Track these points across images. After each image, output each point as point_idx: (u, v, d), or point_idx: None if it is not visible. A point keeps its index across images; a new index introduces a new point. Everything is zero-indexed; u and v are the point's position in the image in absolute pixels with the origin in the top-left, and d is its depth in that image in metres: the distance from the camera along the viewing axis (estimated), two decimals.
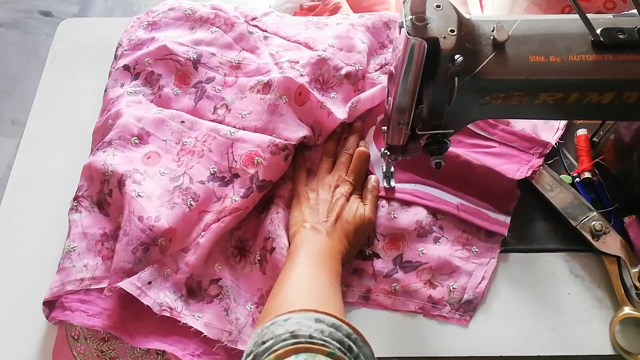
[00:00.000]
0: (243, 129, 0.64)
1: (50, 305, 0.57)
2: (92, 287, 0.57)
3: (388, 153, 0.60)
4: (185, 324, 0.55)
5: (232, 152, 0.62)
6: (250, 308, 0.58)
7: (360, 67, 0.68)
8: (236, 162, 0.62)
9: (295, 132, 0.64)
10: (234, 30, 0.72)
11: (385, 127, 0.59)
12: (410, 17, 0.46)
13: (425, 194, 0.64)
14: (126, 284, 0.55)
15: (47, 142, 0.71)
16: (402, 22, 0.47)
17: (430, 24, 0.46)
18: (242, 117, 0.65)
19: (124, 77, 0.70)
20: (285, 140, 0.63)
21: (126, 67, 0.70)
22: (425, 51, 0.46)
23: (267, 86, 0.66)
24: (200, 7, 0.74)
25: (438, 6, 0.47)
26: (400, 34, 0.47)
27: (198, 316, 0.56)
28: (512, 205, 0.64)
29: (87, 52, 0.78)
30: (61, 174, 0.68)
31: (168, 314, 0.55)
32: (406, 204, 0.64)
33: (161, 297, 0.55)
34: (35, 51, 1.62)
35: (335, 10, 0.86)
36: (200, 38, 0.71)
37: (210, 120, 0.66)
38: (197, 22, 0.73)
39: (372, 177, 0.64)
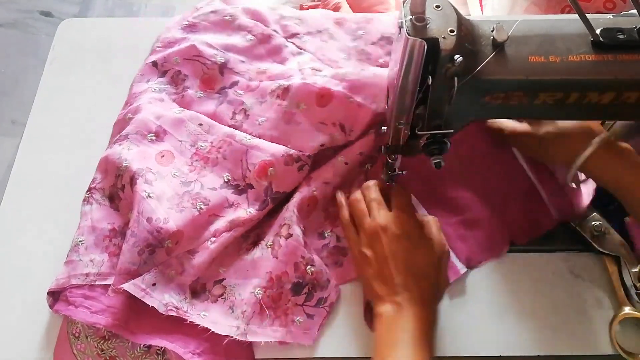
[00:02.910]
0: (259, 137, 0.64)
1: (54, 295, 0.58)
2: (97, 282, 0.58)
3: (388, 153, 0.60)
4: (192, 322, 0.55)
5: (246, 160, 0.62)
6: (258, 294, 0.57)
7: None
8: (249, 171, 0.62)
9: (311, 140, 0.63)
10: (269, 43, 0.71)
11: (385, 127, 0.59)
12: (410, 17, 0.46)
13: None
14: (130, 286, 0.55)
15: (47, 142, 0.71)
16: (401, 22, 0.47)
17: (430, 24, 0.46)
18: (259, 124, 0.65)
19: (151, 73, 0.70)
20: (300, 150, 0.62)
21: (154, 64, 0.70)
22: (425, 51, 0.46)
23: (286, 91, 0.65)
24: (241, 14, 0.73)
25: (438, 6, 0.47)
26: (400, 34, 0.47)
27: (204, 315, 0.56)
28: (496, 253, 0.61)
29: (87, 52, 0.78)
30: (61, 174, 0.68)
31: (174, 314, 0.55)
32: None
33: (166, 298, 0.56)
34: (36, 51, 1.62)
35: (335, 10, 0.86)
36: (233, 43, 0.71)
37: (228, 126, 0.66)
38: (235, 31, 0.73)
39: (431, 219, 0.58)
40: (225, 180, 0.62)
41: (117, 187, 0.61)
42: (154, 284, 0.56)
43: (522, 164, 0.64)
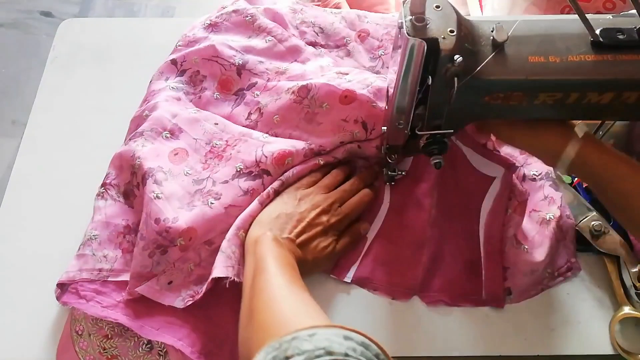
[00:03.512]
0: (276, 136, 0.64)
1: (62, 287, 0.58)
2: (109, 279, 0.58)
3: (388, 153, 0.60)
4: (201, 319, 0.56)
5: (261, 150, 0.61)
6: (242, 236, 0.57)
7: None
8: (266, 157, 0.61)
9: (332, 138, 0.62)
10: (289, 41, 0.71)
11: (386, 127, 0.59)
12: (410, 17, 0.46)
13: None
14: (144, 289, 0.56)
15: (47, 142, 0.71)
16: (401, 22, 0.47)
17: (429, 24, 0.46)
18: (275, 122, 0.64)
19: (170, 72, 0.70)
20: (320, 146, 0.62)
21: (174, 62, 0.70)
22: (425, 51, 0.46)
23: (304, 89, 0.64)
24: (261, 15, 0.73)
25: (437, 6, 0.48)
26: (400, 34, 0.48)
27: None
28: (394, 294, 0.59)
29: (87, 52, 0.78)
30: (61, 174, 0.68)
31: (192, 301, 0.56)
32: None
33: (183, 293, 0.56)
34: (36, 51, 1.62)
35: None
36: (252, 45, 0.70)
37: (243, 126, 0.66)
38: (255, 32, 0.72)
39: (363, 226, 0.62)
40: (238, 169, 0.61)
41: (132, 184, 0.62)
42: (170, 282, 0.56)
43: (481, 237, 0.61)
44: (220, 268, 0.54)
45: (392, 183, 0.64)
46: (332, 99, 0.63)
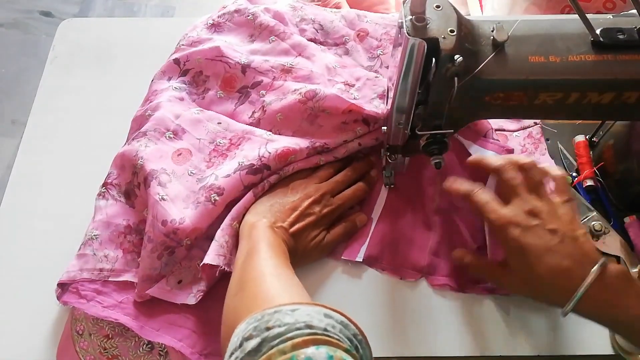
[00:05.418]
0: (279, 135, 0.64)
1: (63, 287, 0.58)
2: (110, 279, 0.58)
3: (388, 154, 0.60)
4: (203, 321, 0.56)
5: (265, 147, 0.61)
6: (235, 226, 0.58)
7: None
8: (269, 152, 0.61)
9: (335, 137, 0.63)
10: (291, 39, 0.71)
11: (385, 127, 0.59)
12: (410, 17, 0.46)
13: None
14: (155, 291, 0.56)
15: (47, 142, 0.71)
16: (401, 22, 0.47)
17: (430, 24, 0.46)
18: (278, 120, 0.64)
19: (172, 71, 0.70)
20: (324, 144, 0.62)
21: (176, 61, 0.70)
22: (425, 51, 0.46)
23: (311, 92, 0.64)
24: (262, 14, 0.73)
25: (438, 6, 0.48)
26: (400, 34, 0.48)
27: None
28: (399, 273, 0.60)
29: (87, 52, 0.78)
30: (61, 174, 0.68)
31: (202, 294, 0.56)
32: None
33: (194, 289, 0.56)
34: (36, 51, 1.62)
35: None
36: (257, 49, 0.71)
37: (247, 124, 0.66)
38: (257, 30, 0.72)
39: (360, 217, 0.62)
40: (240, 163, 0.61)
41: (133, 184, 0.62)
42: (179, 282, 0.57)
43: (486, 227, 0.59)
44: (212, 256, 0.54)
45: (392, 186, 0.64)
46: (335, 110, 0.63)
